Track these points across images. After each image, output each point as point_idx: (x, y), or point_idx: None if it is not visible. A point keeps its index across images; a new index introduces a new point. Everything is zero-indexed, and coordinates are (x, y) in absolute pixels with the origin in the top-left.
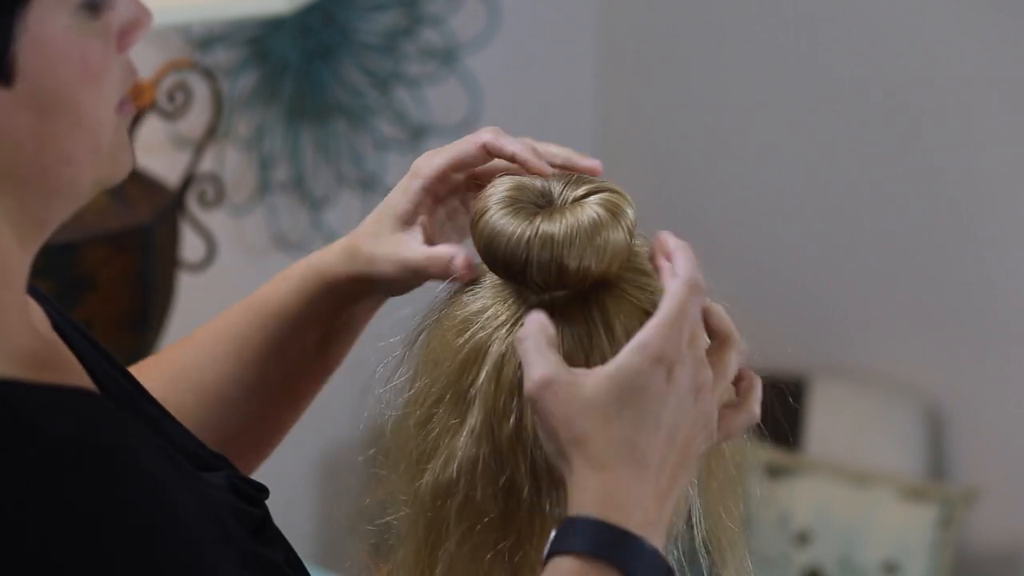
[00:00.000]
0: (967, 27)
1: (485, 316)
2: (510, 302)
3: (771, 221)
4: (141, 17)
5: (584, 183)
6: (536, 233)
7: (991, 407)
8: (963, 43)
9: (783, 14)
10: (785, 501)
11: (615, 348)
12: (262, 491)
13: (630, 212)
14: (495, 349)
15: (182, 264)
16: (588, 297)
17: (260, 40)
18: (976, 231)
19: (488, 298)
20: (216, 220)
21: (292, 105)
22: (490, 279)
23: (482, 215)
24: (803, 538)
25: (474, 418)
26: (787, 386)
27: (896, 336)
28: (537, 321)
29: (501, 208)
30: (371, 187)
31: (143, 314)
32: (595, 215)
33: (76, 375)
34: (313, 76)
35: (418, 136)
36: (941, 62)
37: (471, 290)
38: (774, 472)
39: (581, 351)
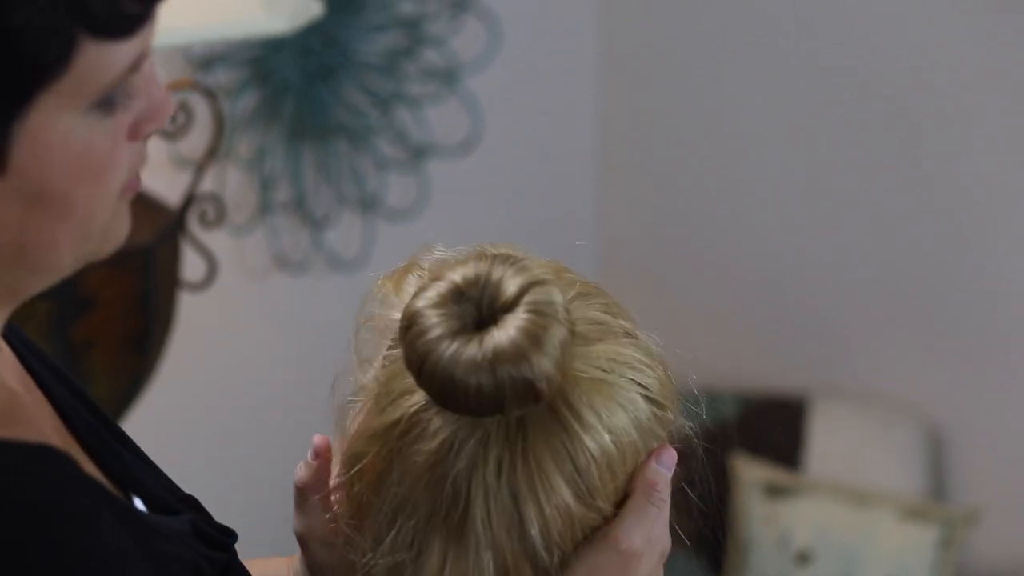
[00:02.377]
0: (969, 30)
1: (454, 448)
2: (470, 423)
3: (771, 242)
4: (163, 107)
5: (509, 280)
6: (488, 370)
7: (991, 427)
8: (966, 46)
9: (782, 32)
10: (786, 521)
11: (596, 438)
12: (229, 535)
13: (558, 303)
14: (477, 487)
15: (183, 284)
16: (552, 402)
17: (261, 60)
18: (977, 252)
19: (450, 423)
20: (217, 240)
21: (293, 125)
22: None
23: (423, 351)
24: (804, 558)
25: (485, 560)
26: (788, 406)
27: (896, 356)
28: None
29: (440, 342)
30: (372, 207)
31: (144, 334)
32: (516, 340)
33: (35, 428)
34: (314, 96)
35: (419, 156)
36: (943, 71)
37: (427, 408)
38: (775, 492)
39: (568, 458)
